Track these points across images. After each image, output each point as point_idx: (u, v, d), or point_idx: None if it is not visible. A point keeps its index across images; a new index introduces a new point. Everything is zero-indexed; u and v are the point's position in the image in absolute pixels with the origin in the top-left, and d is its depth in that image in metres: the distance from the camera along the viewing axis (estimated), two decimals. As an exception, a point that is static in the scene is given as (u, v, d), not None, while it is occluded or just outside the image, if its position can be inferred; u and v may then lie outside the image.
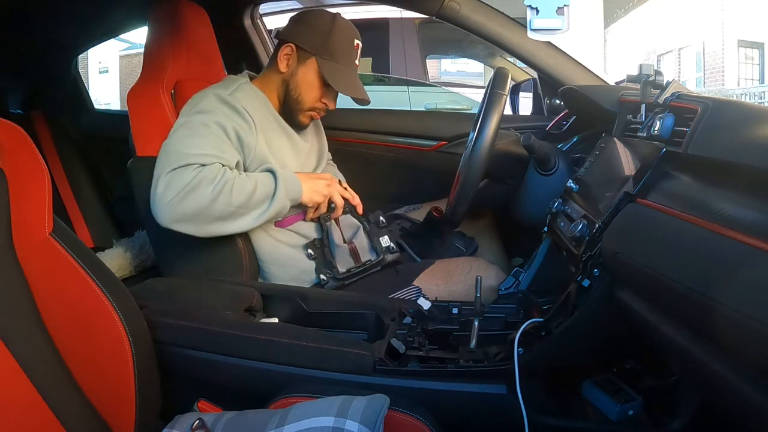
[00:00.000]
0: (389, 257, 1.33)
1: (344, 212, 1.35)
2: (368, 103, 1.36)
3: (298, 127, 1.38)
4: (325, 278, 1.29)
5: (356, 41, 1.33)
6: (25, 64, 2.07)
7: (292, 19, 1.35)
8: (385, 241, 1.34)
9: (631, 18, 11.20)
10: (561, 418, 0.97)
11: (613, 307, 0.87)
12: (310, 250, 1.32)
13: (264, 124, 1.29)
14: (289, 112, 1.35)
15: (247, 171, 1.26)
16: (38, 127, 2.07)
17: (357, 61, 1.35)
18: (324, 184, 1.31)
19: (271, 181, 1.21)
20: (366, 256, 1.31)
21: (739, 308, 0.55)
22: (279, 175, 1.22)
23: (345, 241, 1.32)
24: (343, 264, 1.30)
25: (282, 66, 1.31)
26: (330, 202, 1.32)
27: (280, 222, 1.31)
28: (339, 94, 1.36)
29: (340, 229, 1.34)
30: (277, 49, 1.33)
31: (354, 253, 1.31)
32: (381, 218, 1.38)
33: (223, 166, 1.18)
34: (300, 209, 1.32)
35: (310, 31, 1.30)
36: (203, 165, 1.15)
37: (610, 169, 1.07)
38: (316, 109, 1.35)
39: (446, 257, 1.40)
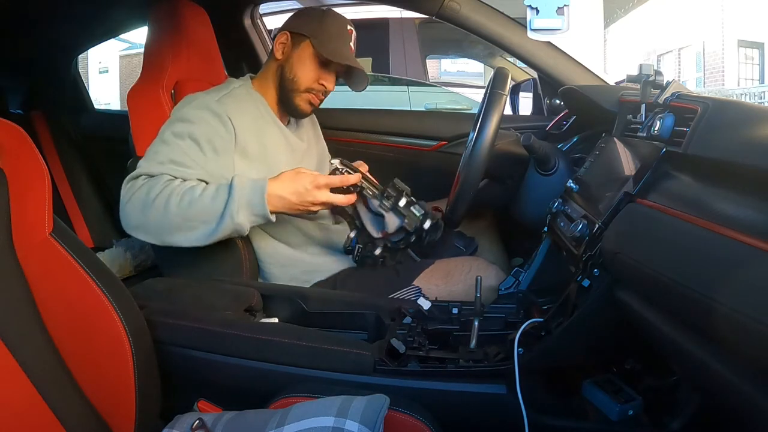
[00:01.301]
0: (427, 224, 1.22)
1: (365, 193, 1.23)
2: (366, 79, 1.35)
3: (298, 113, 1.36)
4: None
5: (349, 27, 1.33)
6: (25, 64, 2.07)
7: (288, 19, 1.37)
8: (417, 209, 1.23)
9: (631, 18, 11.21)
10: (561, 418, 0.97)
11: (613, 307, 0.87)
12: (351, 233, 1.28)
13: (258, 124, 1.28)
14: (287, 97, 1.33)
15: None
16: (38, 127, 2.08)
17: (352, 44, 1.33)
18: (305, 188, 1.14)
19: (224, 195, 1.11)
20: (401, 234, 1.26)
21: (739, 308, 0.55)
22: (235, 187, 1.11)
23: (378, 235, 1.26)
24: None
25: (278, 53, 1.32)
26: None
27: None
28: (336, 77, 1.34)
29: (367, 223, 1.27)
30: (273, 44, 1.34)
31: (388, 240, 1.27)
32: (400, 186, 1.25)
33: (175, 178, 1.14)
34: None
35: (304, 18, 1.33)
36: (151, 176, 1.14)
37: (610, 169, 1.07)
38: (313, 90, 1.32)
39: (446, 257, 1.40)
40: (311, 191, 1.15)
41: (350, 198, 1.20)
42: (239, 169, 1.23)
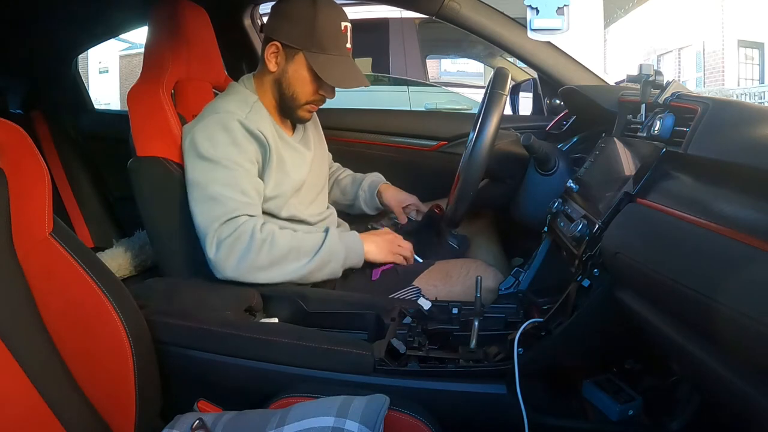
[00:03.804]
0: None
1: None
2: (367, 85, 1.31)
3: (300, 121, 1.36)
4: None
5: (344, 24, 1.24)
6: (25, 64, 2.07)
7: (271, 12, 1.27)
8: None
9: (631, 18, 11.20)
10: (561, 418, 0.97)
11: (613, 307, 0.87)
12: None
13: (275, 141, 1.27)
14: (288, 110, 1.32)
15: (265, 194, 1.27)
16: (38, 127, 2.07)
17: (349, 45, 1.26)
18: (389, 241, 1.33)
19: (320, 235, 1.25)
20: None
21: (739, 308, 0.55)
22: (332, 229, 1.27)
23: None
24: None
25: (271, 66, 1.26)
26: None
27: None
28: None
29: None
30: (264, 47, 1.28)
31: None
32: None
33: (266, 221, 1.21)
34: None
35: (292, 25, 1.22)
36: (250, 216, 1.19)
37: (610, 169, 1.07)
38: (313, 102, 1.31)
39: (441, 255, 1.40)
40: (390, 240, 1.34)
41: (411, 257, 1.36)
42: (270, 180, 1.26)
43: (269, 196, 1.27)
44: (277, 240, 1.17)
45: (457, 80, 6.59)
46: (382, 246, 1.31)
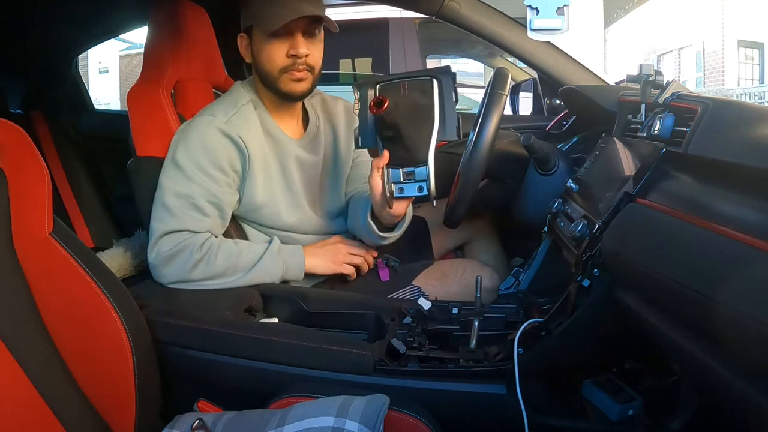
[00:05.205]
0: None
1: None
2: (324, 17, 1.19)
3: (293, 97, 1.24)
4: None
5: None
6: (25, 64, 2.07)
7: None
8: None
9: (631, 18, 11.21)
10: (561, 418, 0.97)
11: (613, 307, 0.87)
12: None
13: (267, 142, 1.25)
14: (274, 89, 1.23)
15: (244, 200, 1.24)
16: (38, 127, 2.07)
17: None
18: (336, 251, 1.28)
19: (261, 247, 1.22)
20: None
21: (739, 308, 0.55)
22: (273, 243, 1.23)
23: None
24: None
25: (247, 58, 1.26)
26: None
27: None
28: (307, 35, 1.20)
29: None
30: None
31: None
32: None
33: (210, 236, 1.19)
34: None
35: (244, 11, 1.26)
36: (194, 232, 1.17)
37: (610, 169, 1.07)
38: (288, 67, 1.19)
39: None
40: (333, 253, 1.28)
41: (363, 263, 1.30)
42: (257, 187, 1.23)
43: (260, 204, 1.24)
44: (213, 259, 1.16)
45: (457, 80, 6.58)
46: (326, 259, 1.27)
